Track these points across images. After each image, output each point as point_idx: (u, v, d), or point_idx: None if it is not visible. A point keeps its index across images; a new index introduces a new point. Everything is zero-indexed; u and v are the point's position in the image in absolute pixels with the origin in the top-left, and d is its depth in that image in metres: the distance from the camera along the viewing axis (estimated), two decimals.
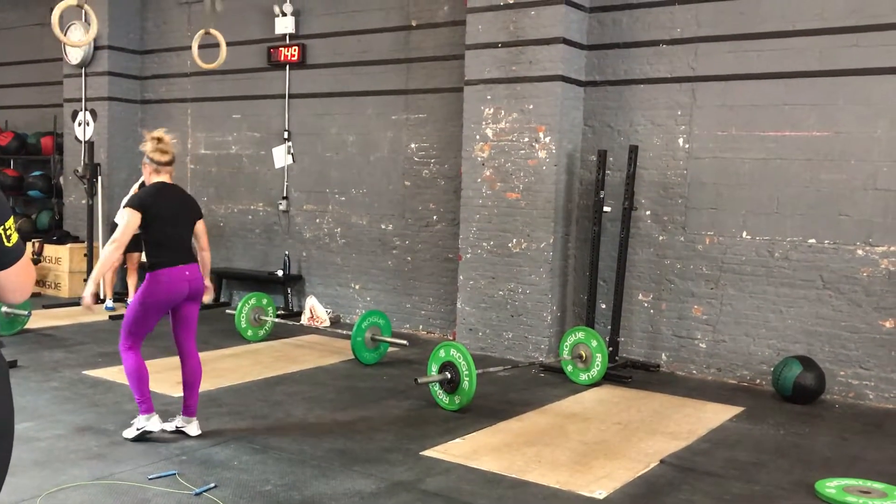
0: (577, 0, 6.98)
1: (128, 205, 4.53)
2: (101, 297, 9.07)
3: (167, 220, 4.59)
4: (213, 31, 5.94)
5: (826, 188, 6.22)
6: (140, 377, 4.56)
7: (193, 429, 4.71)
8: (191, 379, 4.75)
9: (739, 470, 4.48)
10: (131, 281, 9.07)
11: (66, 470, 4.11)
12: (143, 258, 9.11)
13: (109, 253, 4.45)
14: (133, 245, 8.88)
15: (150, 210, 4.53)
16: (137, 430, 4.58)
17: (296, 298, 9.20)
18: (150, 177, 4.72)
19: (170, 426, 4.73)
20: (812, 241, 6.28)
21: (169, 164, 4.68)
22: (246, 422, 5.07)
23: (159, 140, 4.66)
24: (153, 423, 4.57)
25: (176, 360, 4.98)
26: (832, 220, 6.20)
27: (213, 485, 3.95)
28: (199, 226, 4.86)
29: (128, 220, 4.49)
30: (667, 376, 6.75)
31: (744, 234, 6.56)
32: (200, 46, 7.25)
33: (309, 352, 7.28)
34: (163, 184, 4.68)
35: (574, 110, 7.13)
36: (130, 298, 9.11)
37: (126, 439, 4.57)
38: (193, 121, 10.13)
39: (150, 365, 4.98)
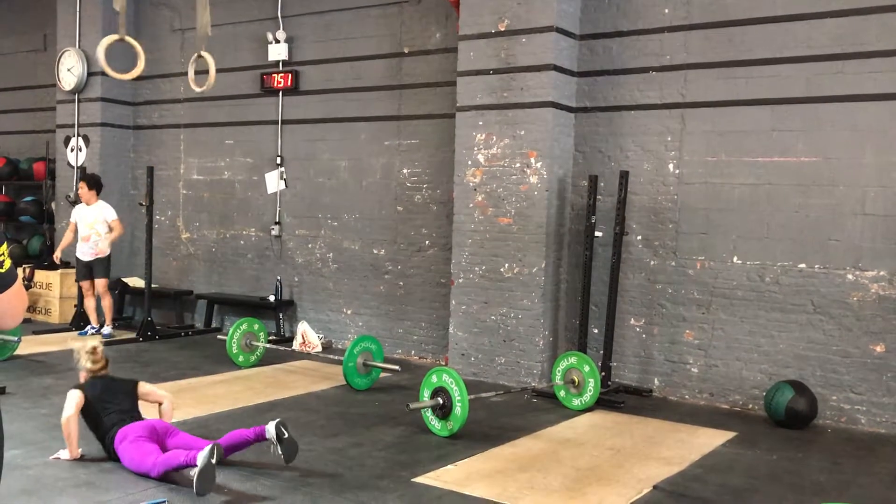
0: (567, 28, 7.07)
1: (73, 387, 4.72)
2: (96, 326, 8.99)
3: (104, 399, 4.69)
4: (203, 53, 5.96)
5: (815, 213, 6.27)
6: (169, 465, 4.29)
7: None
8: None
9: (733, 495, 4.46)
10: (89, 304, 8.96)
11: (55, 498, 4.07)
12: (98, 285, 8.77)
13: (66, 423, 4.60)
14: (86, 273, 8.81)
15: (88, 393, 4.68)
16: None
17: (287, 324, 9.18)
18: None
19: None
20: (802, 265, 6.32)
21: (103, 369, 4.88)
22: None
23: (93, 351, 4.86)
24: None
25: (172, 384, 4.95)
26: (822, 245, 6.24)
27: None
28: (142, 387, 4.93)
29: (72, 400, 4.64)
30: (659, 401, 6.75)
31: (734, 258, 6.60)
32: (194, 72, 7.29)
33: (300, 377, 7.25)
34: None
35: (565, 136, 7.18)
36: (94, 323, 8.98)
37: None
38: (186, 146, 10.15)
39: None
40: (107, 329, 8.87)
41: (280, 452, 4.52)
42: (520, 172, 7.07)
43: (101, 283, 8.85)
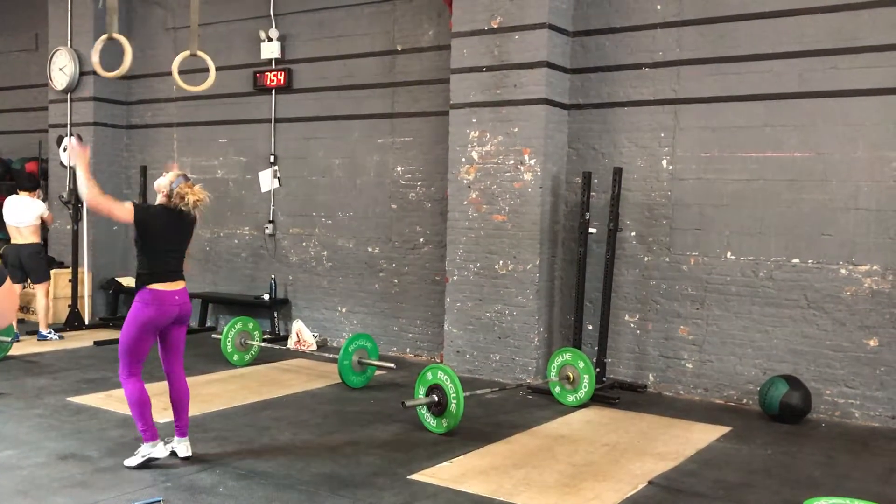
0: (560, 24, 7.07)
1: (132, 201, 4.60)
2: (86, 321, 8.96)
3: (161, 238, 4.62)
4: (200, 53, 5.91)
5: (808, 208, 6.29)
6: (142, 405, 4.53)
7: (183, 449, 4.69)
8: (179, 401, 4.76)
9: (727, 490, 4.48)
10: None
11: (49, 498, 4.06)
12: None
13: (88, 193, 4.56)
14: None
15: (147, 221, 4.57)
16: (143, 457, 4.51)
17: (282, 322, 9.17)
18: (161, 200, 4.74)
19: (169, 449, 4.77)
20: (796, 260, 6.34)
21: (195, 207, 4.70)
22: (232, 447, 5.02)
23: (192, 189, 4.66)
24: (159, 450, 4.54)
25: (161, 385, 4.95)
26: (815, 240, 6.26)
27: None
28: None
29: (123, 207, 4.57)
30: (654, 397, 6.76)
31: (728, 254, 6.61)
32: (187, 71, 7.26)
33: (295, 376, 7.24)
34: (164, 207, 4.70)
35: (558, 133, 7.18)
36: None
37: (128, 468, 4.49)
38: (179, 145, 10.13)
39: None
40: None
41: (174, 448, 4.72)
42: (513, 169, 7.07)
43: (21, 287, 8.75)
